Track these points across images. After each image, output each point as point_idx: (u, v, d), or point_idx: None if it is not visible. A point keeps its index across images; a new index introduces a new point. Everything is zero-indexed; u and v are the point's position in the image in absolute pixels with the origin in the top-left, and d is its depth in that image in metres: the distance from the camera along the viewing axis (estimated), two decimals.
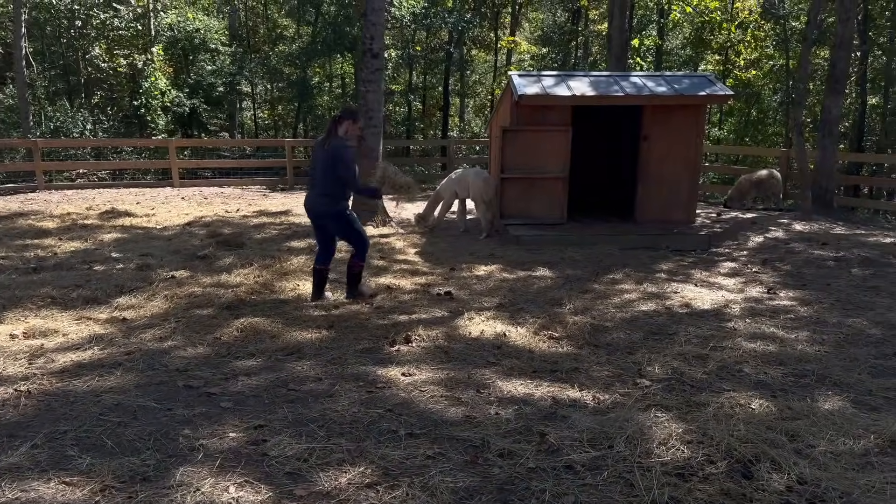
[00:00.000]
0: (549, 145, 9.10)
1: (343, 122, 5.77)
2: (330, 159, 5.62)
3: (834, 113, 12.71)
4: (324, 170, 5.67)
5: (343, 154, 5.63)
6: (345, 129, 5.78)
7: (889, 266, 8.10)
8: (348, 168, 5.63)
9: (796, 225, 10.63)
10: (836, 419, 3.86)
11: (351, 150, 5.74)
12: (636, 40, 26.09)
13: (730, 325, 5.80)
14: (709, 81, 9.13)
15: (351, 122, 5.79)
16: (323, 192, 5.74)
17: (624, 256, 8.53)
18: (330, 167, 5.62)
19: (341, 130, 5.76)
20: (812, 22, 11.29)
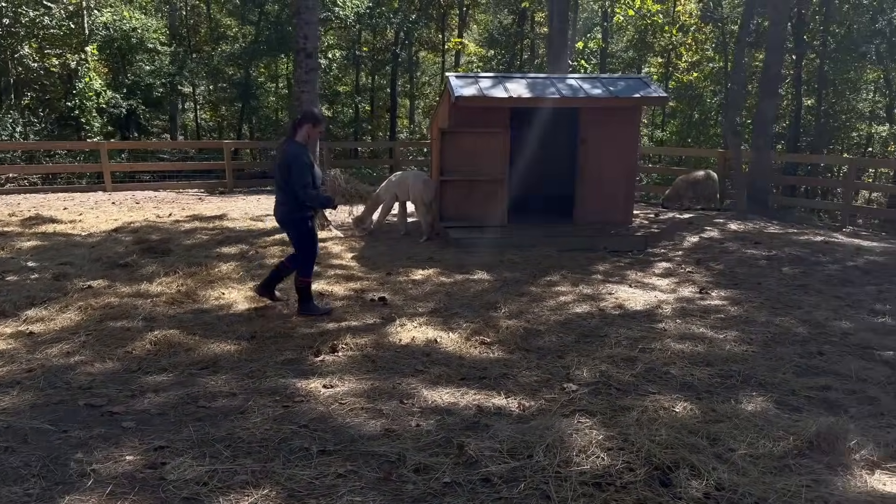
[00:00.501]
0: (487, 147, 9.04)
1: (303, 126, 5.49)
2: (284, 165, 5.37)
3: (768, 114, 13.02)
4: (279, 176, 5.44)
5: (295, 160, 5.32)
6: (305, 133, 5.50)
7: (818, 264, 8.28)
8: (298, 175, 5.31)
9: (731, 225, 10.82)
10: (758, 421, 3.86)
11: (305, 157, 5.40)
12: (580, 43, 26.42)
13: (660, 326, 5.81)
14: (644, 84, 9.21)
15: (311, 125, 5.51)
16: (282, 200, 5.53)
17: (562, 258, 8.52)
18: (284, 174, 5.39)
19: (300, 135, 5.50)
20: (745, 25, 11.52)
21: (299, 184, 5.32)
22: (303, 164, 5.32)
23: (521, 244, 8.90)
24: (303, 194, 5.35)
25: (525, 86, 8.99)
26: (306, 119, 5.51)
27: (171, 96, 27.31)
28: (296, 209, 5.50)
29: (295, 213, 5.53)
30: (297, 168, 5.31)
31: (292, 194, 5.39)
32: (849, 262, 8.36)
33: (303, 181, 5.31)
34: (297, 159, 5.32)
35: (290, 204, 5.47)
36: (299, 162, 5.32)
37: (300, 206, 5.48)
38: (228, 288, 6.45)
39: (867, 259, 8.49)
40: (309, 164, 5.41)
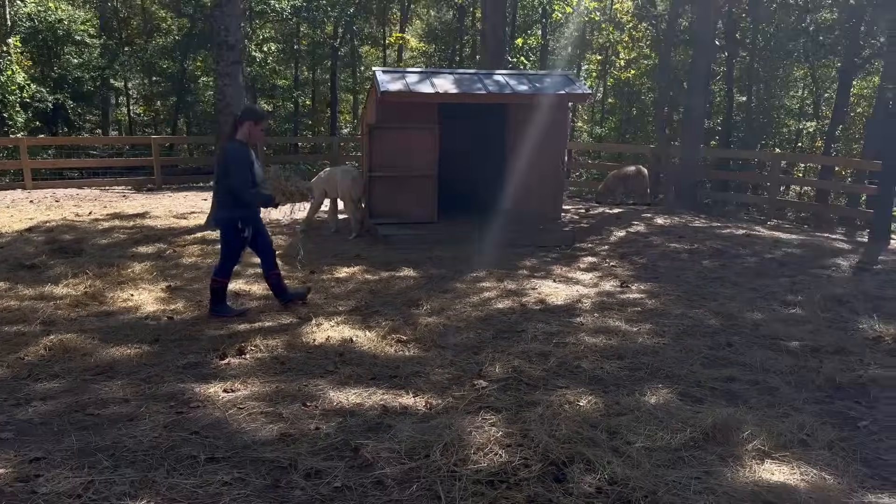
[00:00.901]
0: (416, 143, 8.97)
1: (243, 124, 5.34)
2: (223, 165, 5.25)
3: (696, 111, 13.34)
4: (217, 175, 5.30)
5: (234, 159, 5.18)
6: (246, 130, 5.34)
7: (737, 257, 8.52)
8: (236, 174, 5.16)
9: (658, 219, 11.04)
10: (660, 413, 3.91)
11: (244, 155, 5.25)
12: (520, 39, 26.62)
13: (578, 321, 5.86)
14: (569, 80, 9.30)
15: (252, 123, 5.34)
16: (220, 200, 5.43)
17: (490, 254, 8.52)
18: (222, 172, 5.26)
19: (241, 133, 5.34)
20: (671, 23, 11.76)
21: (238, 183, 5.18)
22: (241, 163, 5.19)
23: (451, 240, 8.88)
24: (242, 194, 5.22)
25: (452, 81, 8.96)
26: (246, 116, 5.37)
27: (101, 91, 26.36)
28: (231, 210, 5.35)
29: (228, 214, 5.38)
30: (236, 167, 5.18)
31: (231, 194, 5.26)
32: (766, 254, 8.62)
33: (241, 180, 5.18)
34: (236, 158, 5.20)
35: (226, 205, 5.35)
36: (238, 161, 5.19)
37: (236, 207, 5.32)
38: (139, 289, 6.22)
39: (784, 251, 8.77)
40: (248, 162, 5.26)
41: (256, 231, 5.59)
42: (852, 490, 3.14)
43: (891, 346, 5.34)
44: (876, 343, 5.42)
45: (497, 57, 12.59)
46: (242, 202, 5.30)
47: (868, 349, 5.28)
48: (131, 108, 29.45)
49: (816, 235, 10.67)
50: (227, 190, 5.28)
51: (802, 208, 16.40)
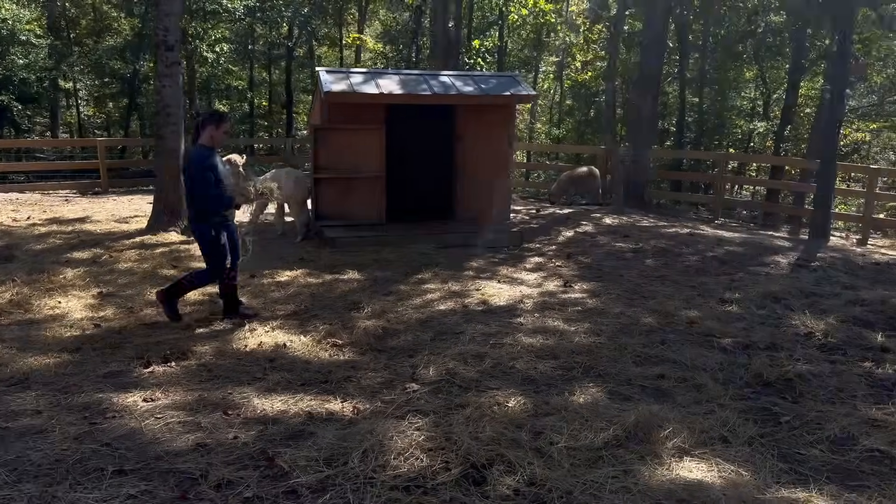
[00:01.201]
0: (363, 144, 8.90)
1: (206, 128, 5.23)
2: (187, 171, 5.23)
3: (644, 111, 13.53)
4: (186, 183, 5.25)
5: (196, 165, 5.12)
6: (208, 135, 5.23)
7: (680, 256, 8.64)
8: (199, 180, 5.11)
9: (607, 219, 11.15)
10: (586, 412, 3.92)
11: (207, 160, 5.16)
12: (476, 41, 26.70)
13: (518, 321, 5.87)
14: (515, 81, 9.34)
15: (214, 126, 5.24)
16: (190, 205, 5.36)
17: (438, 255, 8.50)
18: (187, 179, 5.23)
19: (204, 137, 5.23)
20: (618, 24, 11.90)
21: (200, 189, 5.15)
22: (204, 168, 5.12)
23: (399, 242, 8.83)
24: (205, 199, 5.18)
25: (397, 82, 8.91)
26: (208, 120, 5.27)
27: (49, 92, 25.62)
28: (201, 217, 5.28)
29: (200, 221, 5.31)
30: (198, 173, 5.13)
31: (198, 201, 5.23)
32: (709, 252, 8.77)
33: (203, 186, 5.12)
34: (199, 164, 5.14)
35: (196, 211, 5.30)
36: (201, 166, 5.13)
37: (206, 214, 5.26)
38: (68, 296, 6.03)
39: (726, 250, 8.94)
40: (211, 166, 5.17)
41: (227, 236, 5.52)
42: (766, 486, 3.18)
43: (821, 342, 5.46)
44: (807, 339, 5.54)
45: (448, 57, 12.58)
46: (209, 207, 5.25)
47: (799, 345, 5.40)
48: (82, 110, 28.68)
49: (759, 234, 10.91)
50: (192, 196, 5.26)
51: (750, 207, 16.74)
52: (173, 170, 8.72)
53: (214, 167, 5.21)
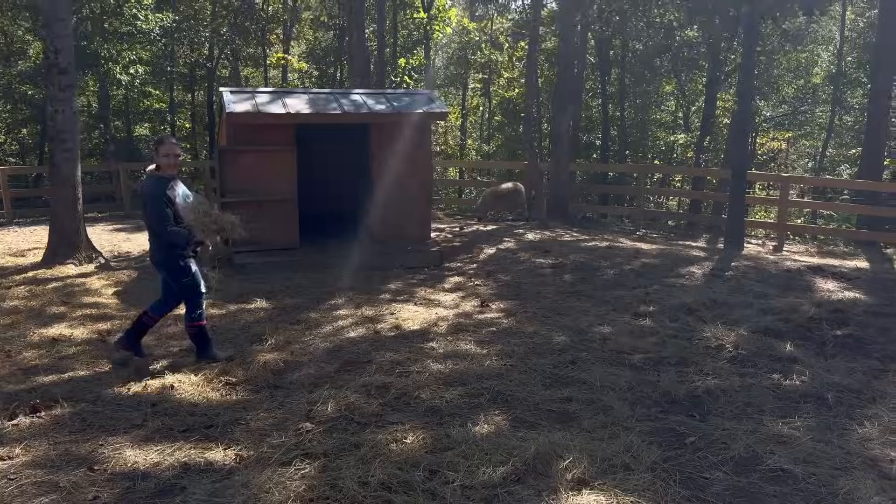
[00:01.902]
0: (273, 166, 8.57)
1: (158, 153, 4.98)
2: (143, 203, 5.03)
3: (562, 127, 13.63)
4: (143, 215, 5.07)
5: (149, 196, 4.87)
6: (155, 162, 5.01)
7: (598, 270, 8.61)
8: (152, 212, 4.85)
9: (530, 235, 11.10)
10: (487, 444, 3.72)
11: (159, 190, 4.85)
12: (402, 59, 26.66)
13: (430, 346, 5.65)
14: (429, 99, 9.20)
15: (155, 151, 5.03)
16: (151, 241, 5.12)
17: (355, 279, 8.23)
18: (143, 211, 5.05)
19: (160, 162, 4.97)
20: (533, 41, 11.97)
21: (155, 221, 4.90)
22: (157, 199, 4.84)
23: (314, 266, 8.52)
24: (162, 232, 4.90)
25: (306, 101, 8.64)
26: (157, 143, 5.07)
27: None
28: (164, 249, 5.01)
29: (164, 254, 5.02)
30: (151, 204, 4.88)
31: (157, 234, 4.97)
32: (626, 265, 8.77)
33: (158, 218, 4.86)
34: (151, 195, 4.87)
35: (156, 244, 5.03)
36: (153, 197, 4.86)
37: (168, 246, 4.98)
38: None
39: (643, 262, 8.97)
40: (163, 197, 4.85)
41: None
42: None
43: (731, 354, 5.44)
44: (718, 351, 5.52)
45: (365, 76, 12.38)
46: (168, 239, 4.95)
47: (709, 358, 5.36)
48: None
49: (678, 244, 11.06)
50: (152, 230, 5.01)
51: (670, 217, 17.06)
52: (67, 199, 8.18)
53: (170, 197, 4.88)
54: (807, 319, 6.27)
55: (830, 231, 13.17)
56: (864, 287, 7.53)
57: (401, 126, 8.94)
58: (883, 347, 5.57)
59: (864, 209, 12.34)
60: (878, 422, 4.13)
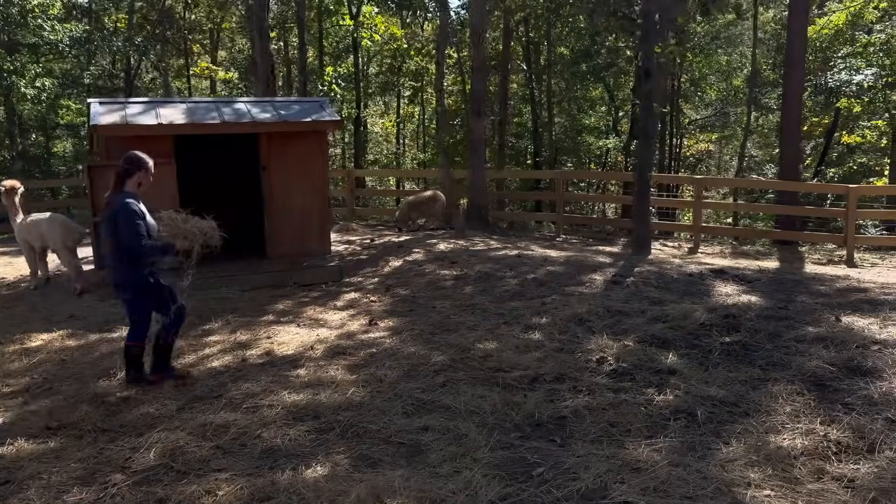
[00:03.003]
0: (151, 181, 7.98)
1: (133, 175, 4.83)
2: (111, 221, 4.78)
3: (477, 134, 13.38)
4: (109, 234, 4.84)
5: (124, 212, 4.69)
6: (135, 181, 4.86)
7: (501, 280, 8.32)
8: (129, 230, 4.67)
9: (442, 245, 10.76)
10: (311, 492, 3.33)
11: (134, 206, 4.74)
12: (330, 68, 26.16)
13: (295, 374, 5.22)
14: (320, 106, 8.77)
15: (144, 171, 4.88)
16: (114, 260, 4.90)
17: (241, 299, 7.74)
18: (111, 230, 4.81)
19: (131, 184, 4.83)
20: (441, 49, 11.69)
21: (131, 237, 4.69)
22: (132, 215, 4.70)
23: (200, 287, 7.93)
24: (138, 247, 4.73)
25: (183, 111, 8.11)
26: (137, 166, 4.85)
27: None
28: (131, 269, 4.83)
29: (131, 275, 4.86)
30: (126, 220, 4.69)
31: (125, 252, 4.76)
32: (530, 274, 8.49)
33: (135, 233, 4.69)
34: (126, 210, 4.70)
35: (124, 264, 4.83)
36: (128, 213, 4.70)
37: (136, 265, 4.82)
38: None
39: (548, 270, 8.72)
40: (140, 213, 4.77)
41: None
42: None
43: (612, 367, 5.18)
44: (599, 365, 5.24)
45: (266, 83, 11.88)
46: (140, 258, 4.81)
47: (588, 373, 5.09)
48: None
49: (590, 250, 10.89)
50: (122, 249, 4.79)
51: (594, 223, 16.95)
52: None
53: (144, 214, 4.82)
54: (697, 326, 6.06)
55: (742, 232, 13.26)
56: (763, 289, 7.42)
57: (291, 136, 8.48)
58: (769, 354, 5.39)
59: (778, 209, 12.46)
60: (745, 439, 3.89)
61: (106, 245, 4.92)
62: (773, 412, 4.26)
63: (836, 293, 7.16)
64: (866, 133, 18.76)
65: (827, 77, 16.43)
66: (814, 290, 7.37)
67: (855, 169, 20.39)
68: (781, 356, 5.30)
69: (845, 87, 15.79)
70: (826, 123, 22.30)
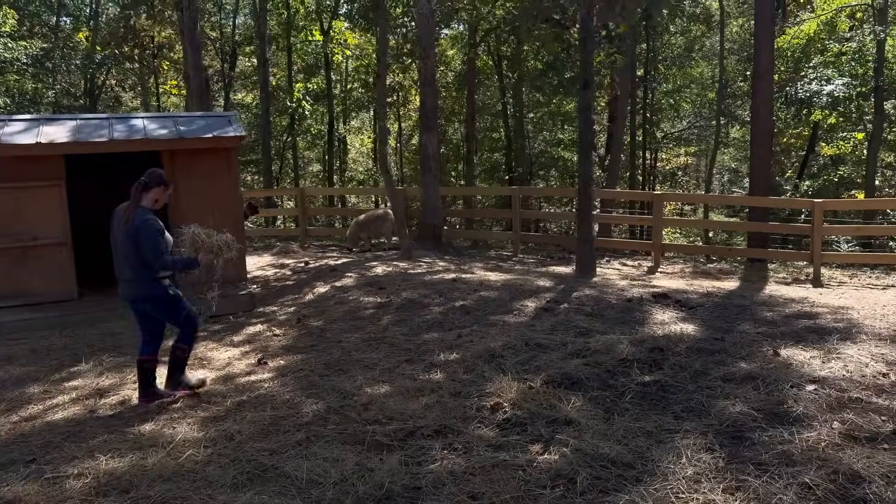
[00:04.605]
0: (38, 205, 7.31)
1: (150, 190, 4.90)
2: (131, 236, 4.78)
3: (429, 149, 12.75)
4: (127, 250, 4.84)
5: (144, 228, 4.76)
6: (153, 197, 4.94)
7: (425, 308, 7.59)
8: (152, 243, 4.77)
9: (381, 268, 10.07)
10: None
11: (154, 222, 4.85)
12: (299, 83, 25.62)
13: (138, 430, 4.51)
14: (226, 121, 8.10)
15: (163, 188, 4.99)
16: (131, 276, 4.92)
17: (130, 335, 7.00)
18: (133, 246, 4.80)
19: (147, 200, 4.91)
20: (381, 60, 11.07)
21: (152, 252, 4.78)
22: (153, 231, 4.81)
23: (90, 321, 7.27)
24: (159, 262, 4.82)
25: (69, 129, 7.43)
26: (155, 182, 4.93)
27: None
28: (150, 281, 4.91)
29: (152, 287, 4.94)
30: (148, 235, 4.77)
31: (144, 267, 4.83)
32: (459, 301, 7.77)
33: (156, 248, 4.79)
34: (147, 226, 4.78)
35: (141, 278, 4.89)
36: (149, 229, 4.79)
37: (155, 277, 4.91)
38: None
39: (480, 295, 8.00)
40: (160, 229, 4.88)
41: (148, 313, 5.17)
42: None
43: (506, 416, 4.47)
44: (492, 413, 4.54)
45: (202, 98, 11.24)
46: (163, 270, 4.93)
47: (476, 423, 4.38)
48: None
49: (536, 272, 10.19)
50: (141, 264, 4.83)
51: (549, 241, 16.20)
52: None
53: (163, 229, 4.93)
54: (617, 362, 5.36)
55: (704, 249, 12.60)
56: (704, 317, 6.73)
57: (197, 153, 7.80)
58: (688, 397, 4.69)
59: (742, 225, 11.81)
60: None
61: (122, 259, 4.89)
62: (670, 475, 3.55)
63: (783, 320, 6.48)
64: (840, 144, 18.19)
65: (797, 88, 15.85)
66: (760, 316, 6.69)
67: (834, 181, 19.80)
68: (702, 399, 4.61)
69: (816, 97, 15.20)
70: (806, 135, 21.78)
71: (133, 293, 5.00)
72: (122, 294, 5.07)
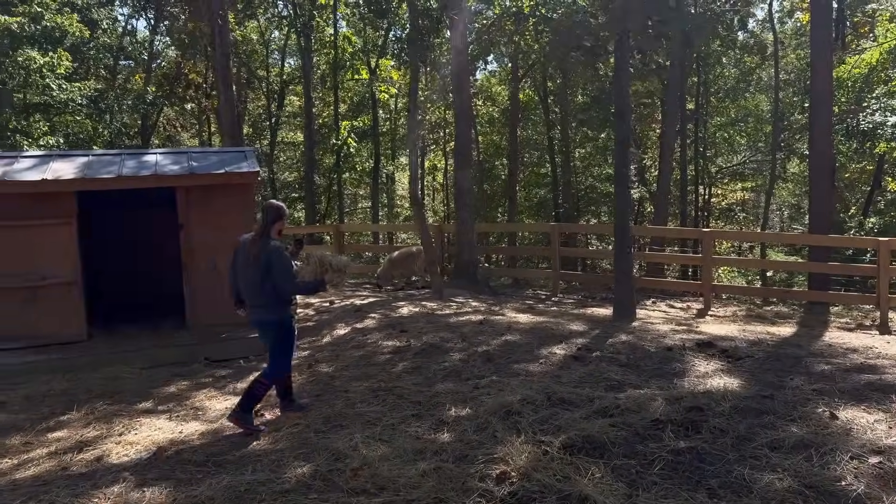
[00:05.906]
0: (48, 243, 7.13)
1: (276, 223, 5.20)
2: (264, 263, 5.04)
3: (463, 185, 12.33)
4: (256, 276, 5.08)
5: (277, 256, 5.06)
6: (277, 228, 5.24)
7: (445, 353, 7.02)
8: (283, 272, 5.07)
9: (407, 308, 9.57)
10: None
11: (285, 251, 5.20)
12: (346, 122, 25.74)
13: (105, 493, 4.06)
14: (243, 157, 7.83)
15: (282, 220, 5.28)
16: (260, 302, 5.17)
17: (131, 381, 6.69)
18: (263, 273, 5.04)
19: (274, 231, 5.20)
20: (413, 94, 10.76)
21: (285, 279, 5.08)
22: (286, 259, 5.16)
23: (95, 365, 6.99)
24: (292, 288, 5.21)
25: (79, 165, 7.26)
26: (281, 215, 5.24)
27: None
28: (279, 308, 5.21)
29: (280, 313, 5.23)
30: (280, 263, 5.07)
31: (273, 293, 5.10)
32: (482, 346, 7.19)
33: (290, 276, 5.13)
34: (279, 255, 5.10)
35: (271, 304, 5.15)
36: (281, 258, 5.11)
37: (283, 304, 5.22)
38: None
39: (506, 339, 7.42)
40: (289, 257, 5.27)
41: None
42: None
43: (511, 489, 3.86)
44: (497, 484, 3.93)
45: (234, 135, 11.13)
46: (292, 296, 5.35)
47: (475, 497, 3.78)
48: None
49: (571, 314, 9.52)
50: (272, 290, 5.09)
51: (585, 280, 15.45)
52: None
53: (291, 259, 5.28)
54: (650, 423, 4.69)
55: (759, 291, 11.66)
56: (752, 369, 5.99)
57: (212, 189, 7.54)
58: (727, 469, 3.99)
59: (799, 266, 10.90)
60: None
61: (251, 287, 5.11)
62: None
63: (843, 374, 5.68)
64: None
65: (859, 119, 14.86)
66: (815, 369, 5.90)
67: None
68: (743, 472, 3.91)
69: (880, 129, 14.19)
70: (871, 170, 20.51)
71: (261, 318, 5.23)
72: (250, 320, 5.34)
